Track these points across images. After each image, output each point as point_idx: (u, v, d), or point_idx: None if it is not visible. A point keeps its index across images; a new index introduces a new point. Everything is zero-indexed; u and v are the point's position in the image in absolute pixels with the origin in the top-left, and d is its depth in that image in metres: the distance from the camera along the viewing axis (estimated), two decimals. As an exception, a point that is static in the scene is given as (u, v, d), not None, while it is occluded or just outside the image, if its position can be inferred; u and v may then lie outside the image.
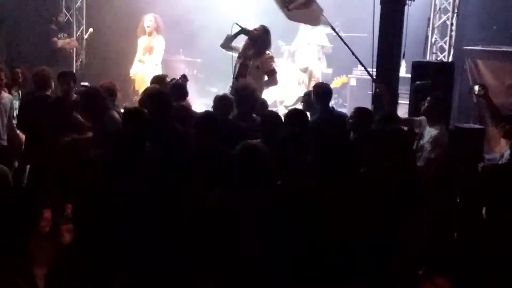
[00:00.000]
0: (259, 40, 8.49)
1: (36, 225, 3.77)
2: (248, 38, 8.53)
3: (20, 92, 8.21)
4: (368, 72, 7.12)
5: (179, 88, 7.35)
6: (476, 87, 6.85)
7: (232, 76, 8.54)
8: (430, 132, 6.30)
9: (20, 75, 8.17)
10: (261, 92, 8.29)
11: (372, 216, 4.12)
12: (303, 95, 7.91)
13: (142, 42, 10.91)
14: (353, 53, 7.08)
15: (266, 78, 8.54)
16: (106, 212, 3.65)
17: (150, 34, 10.86)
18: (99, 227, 3.60)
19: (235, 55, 8.61)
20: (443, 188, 6.07)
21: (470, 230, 4.60)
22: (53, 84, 7.50)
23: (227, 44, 8.58)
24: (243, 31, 8.48)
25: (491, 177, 4.30)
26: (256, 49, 8.49)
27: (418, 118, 6.66)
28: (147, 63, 10.76)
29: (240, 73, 8.37)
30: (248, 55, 8.47)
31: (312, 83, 10.07)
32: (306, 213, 4.08)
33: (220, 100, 6.69)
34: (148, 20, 10.80)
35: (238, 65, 8.50)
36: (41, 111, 6.99)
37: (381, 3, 6.87)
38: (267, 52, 8.58)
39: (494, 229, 4.02)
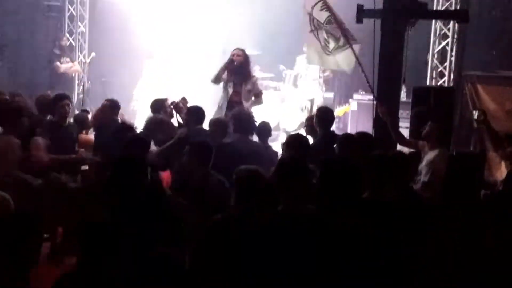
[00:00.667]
0: (244, 64, 8.57)
1: (38, 251, 3.76)
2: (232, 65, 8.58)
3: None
4: (376, 99, 7.13)
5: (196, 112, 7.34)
6: (476, 113, 6.87)
7: (219, 102, 8.66)
8: (428, 156, 6.31)
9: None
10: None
11: (376, 241, 4.11)
12: (305, 119, 7.96)
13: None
14: (367, 80, 7.11)
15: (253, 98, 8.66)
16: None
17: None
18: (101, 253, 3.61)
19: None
20: (442, 212, 6.06)
21: (471, 255, 4.59)
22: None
23: (218, 79, 8.64)
24: (228, 61, 8.54)
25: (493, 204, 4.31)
26: (244, 74, 8.59)
27: (421, 142, 6.68)
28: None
29: (235, 101, 8.46)
30: (239, 81, 8.56)
31: (315, 108, 10.12)
32: (307, 238, 4.07)
33: (216, 124, 6.81)
34: None
35: (228, 91, 8.58)
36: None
37: (381, 29, 6.93)
38: (253, 74, 8.81)
39: (496, 255, 4.02)
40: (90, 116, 8.20)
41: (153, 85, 11.43)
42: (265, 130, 7.13)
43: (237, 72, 8.57)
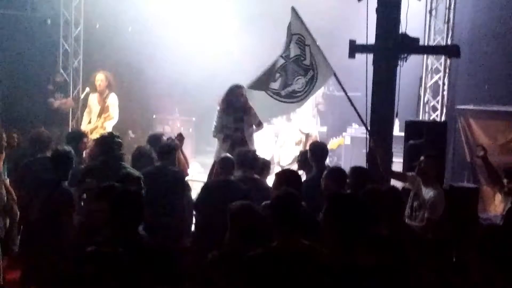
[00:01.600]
0: (246, 104, 8.55)
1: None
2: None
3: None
4: (368, 131, 7.14)
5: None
6: (477, 148, 6.87)
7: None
8: (427, 193, 6.27)
9: (16, 139, 8.12)
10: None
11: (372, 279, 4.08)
12: (299, 154, 7.97)
13: (94, 100, 10.84)
14: (354, 108, 7.10)
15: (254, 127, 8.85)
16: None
17: (101, 92, 10.75)
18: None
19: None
20: (439, 247, 6.05)
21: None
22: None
23: (220, 129, 8.83)
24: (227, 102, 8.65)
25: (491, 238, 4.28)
26: (245, 109, 8.65)
27: (411, 174, 6.68)
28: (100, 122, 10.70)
29: (240, 143, 8.52)
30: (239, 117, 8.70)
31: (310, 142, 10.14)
32: (299, 275, 4.05)
33: (222, 162, 6.97)
34: (99, 79, 10.69)
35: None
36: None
37: (373, 63, 6.98)
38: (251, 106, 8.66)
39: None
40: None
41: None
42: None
43: (238, 110, 8.64)
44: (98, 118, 10.69)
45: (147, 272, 4.21)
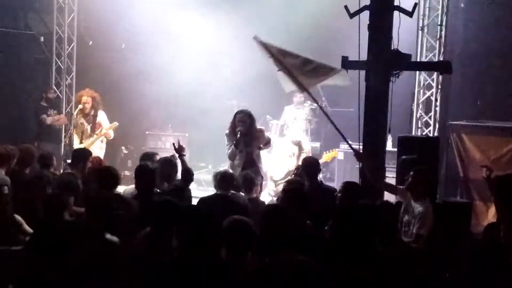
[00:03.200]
0: (250, 126, 8.58)
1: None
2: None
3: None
4: (349, 145, 7.16)
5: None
6: (484, 170, 6.83)
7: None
8: (416, 208, 6.26)
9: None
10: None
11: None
12: (294, 168, 7.98)
13: (81, 119, 10.89)
14: (336, 128, 7.09)
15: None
16: None
17: (88, 114, 10.83)
18: None
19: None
20: (431, 262, 6.04)
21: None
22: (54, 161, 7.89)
23: (234, 155, 8.66)
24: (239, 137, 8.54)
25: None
26: (251, 133, 8.62)
27: (401, 187, 6.66)
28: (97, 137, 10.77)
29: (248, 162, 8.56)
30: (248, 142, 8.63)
31: (303, 155, 10.14)
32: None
33: (221, 177, 6.86)
34: (84, 102, 10.75)
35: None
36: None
37: (366, 80, 7.00)
38: (257, 129, 8.78)
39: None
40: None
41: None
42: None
43: (245, 135, 8.57)
44: (91, 134, 10.73)
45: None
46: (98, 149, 10.61)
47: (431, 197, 6.70)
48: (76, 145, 10.71)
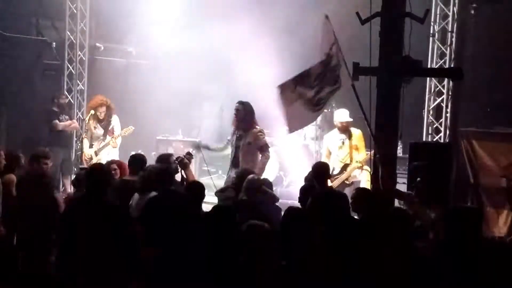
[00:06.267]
0: (247, 116, 8.52)
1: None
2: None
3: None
4: (372, 134, 6.99)
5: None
6: (505, 180, 6.85)
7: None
8: (428, 215, 6.27)
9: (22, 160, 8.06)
10: (260, 172, 8.30)
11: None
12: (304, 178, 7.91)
13: (95, 124, 11.02)
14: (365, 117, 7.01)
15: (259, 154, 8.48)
16: None
17: (103, 120, 10.98)
18: None
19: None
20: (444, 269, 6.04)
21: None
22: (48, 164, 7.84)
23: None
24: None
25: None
26: (245, 125, 8.51)
27: (408, 192, 6.67)
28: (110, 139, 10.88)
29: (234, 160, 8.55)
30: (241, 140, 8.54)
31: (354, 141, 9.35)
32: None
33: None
34: (102, 112, 10.88)
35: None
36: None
37: (377, 86, 7.01)
38: (256, 126, 8.57)
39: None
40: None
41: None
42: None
43: (240, 125, 8.55)
44: (103, 138, 10.90)
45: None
46: (105, 155, 10.69)
47: (442, 203, 6.71)
48: (86, 148, 10.79)
